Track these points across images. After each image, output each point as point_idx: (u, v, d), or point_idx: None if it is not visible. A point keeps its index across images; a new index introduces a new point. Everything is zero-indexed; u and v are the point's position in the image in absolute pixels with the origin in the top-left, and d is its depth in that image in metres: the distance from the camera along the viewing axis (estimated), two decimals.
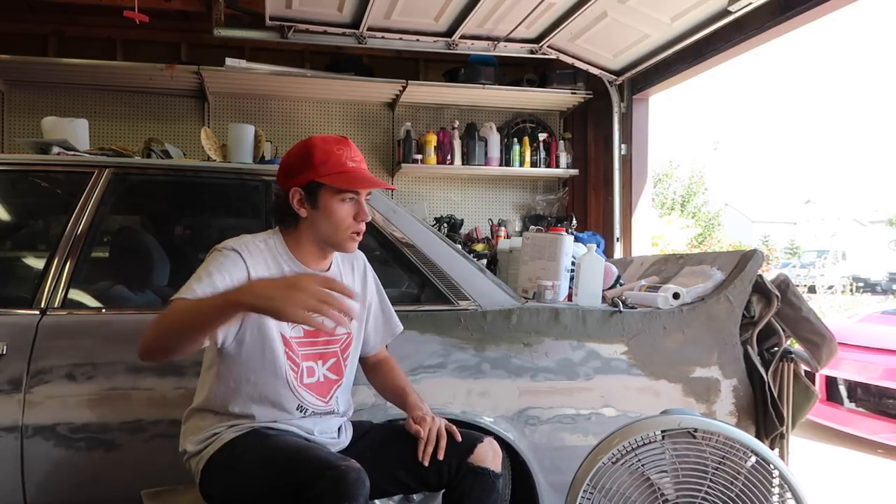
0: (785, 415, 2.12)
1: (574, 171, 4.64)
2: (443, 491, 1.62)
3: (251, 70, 4.01)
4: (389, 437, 1.66)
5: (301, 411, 1.59)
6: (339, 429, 1.67)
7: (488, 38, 3.98)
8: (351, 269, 1.74)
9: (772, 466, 1.54)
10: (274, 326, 1.54)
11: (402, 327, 1.84)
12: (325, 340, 1.63)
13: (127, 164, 2.15)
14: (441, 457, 1.54)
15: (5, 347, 1.80)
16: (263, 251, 1.57)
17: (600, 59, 4.11)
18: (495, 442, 1.63)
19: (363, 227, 1.59)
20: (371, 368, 1.81)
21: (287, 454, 1.42)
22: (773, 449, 2.08)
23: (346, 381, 1.69)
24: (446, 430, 1.58)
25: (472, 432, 1.65)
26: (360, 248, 1.73)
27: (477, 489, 1.55)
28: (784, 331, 2.20)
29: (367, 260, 1.79)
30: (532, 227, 4.41)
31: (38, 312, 1.87)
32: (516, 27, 3.78)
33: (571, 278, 2.35)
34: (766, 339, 2.22)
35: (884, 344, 4.04)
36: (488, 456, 1.58)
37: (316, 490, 1.28)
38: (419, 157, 4.37)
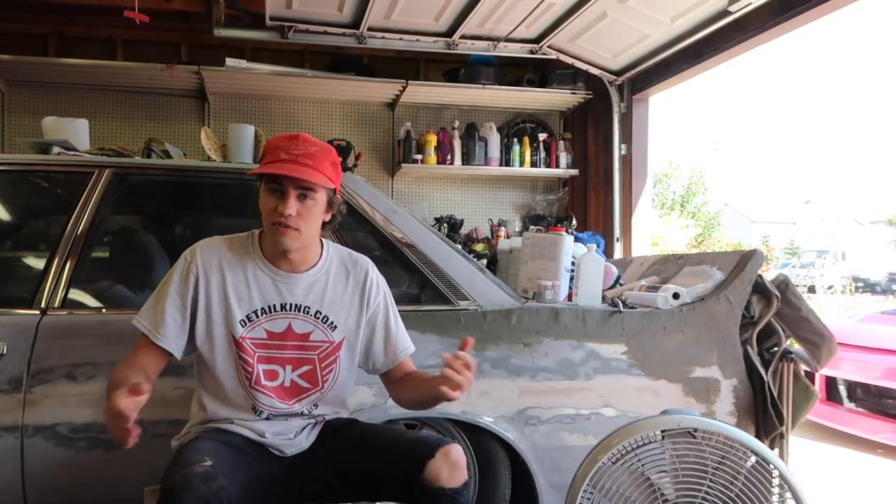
0: (785, 415, 2.12)
1: (574, 171, 4.64)
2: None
3: (251, 70, 4.01)
4: (350, 442, 1.61)
5: (256, 412, 1.59)
6: (302, 429, 1.63)
7: (488, 39, 3.98)
8: (346, 275, 1.66)
9: (771, 466, 1.54)
10: (221, 329, 1.57)
11: (411, 349, 1.71)
12: (297, 346, 1.59)
13: (127, 164, 2.15)
14: (464, 389, 1.42)
15: (5, 347, 1.80)
16: (226, 251, 1.59)
17: (600, 59, 4.11)
18: (454, 449, 1.48)
19: (289, 221, 1.50)
20: (396, 384, 1.71)
21: (174, 459, 1.44)
22: (772, 449, 2.08)
23: (331, 393, 1.64)
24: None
25: (428, 439, 1.53)
26: (360, 248, 1.73)
27: None
28: (784, 331, 2.21)
29: (374, 274, 1.70)
30: (532, 227, 4.41)
31: (38, 312, 1.87)
32: (516, 27, 3.78)
33: (571, 278, 2.35)
34: (765, 339, 2.22)
35: (884, 344, 4.04)
36: (442, 473, 1.44)
37: (161, 497, 1.33)
38: (419, 157, 4.37)
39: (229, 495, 1.33)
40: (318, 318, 1.62)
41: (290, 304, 1.60)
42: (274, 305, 1.58)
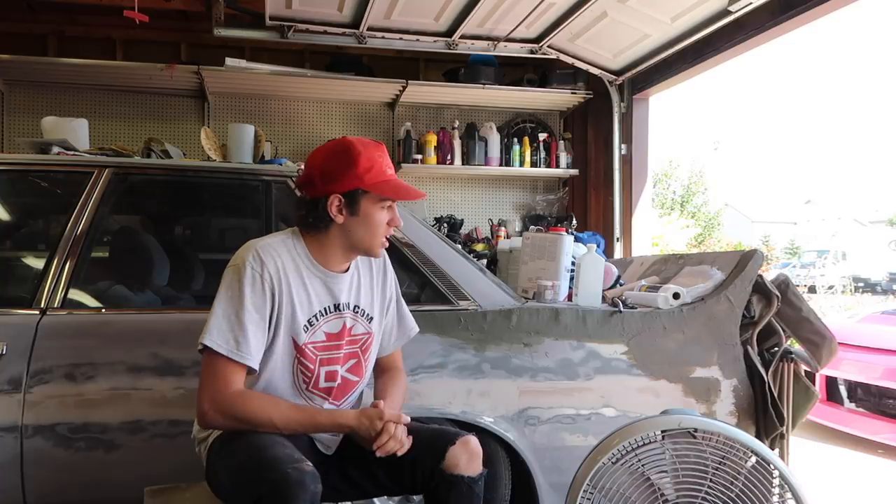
0: (785, 415, 2.12)
1: (574, 171, 4.64)
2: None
3: (251, 70, 4.01)
4: None
5: None
6: None
7: (488, 38, 3.98)
8: (369, 267, 1.70)
9: (772, 466, 1.54)
10: (284, 336, 1.53)
11: (417, 329, 1.80)
12: (349, 341, 1.62)
13: (127, 164, 2.15)
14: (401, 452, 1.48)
15: (5, 347, 1.80)
16: (282, 254, 1.54)
17: (600, 59, 4.11)
18: (472, 440, 1.54)
19: (391, 232, 1.60)
20: (379, 374, 1.76)
21: (251, 452, 1.39)
22: (773, 449, 2.08)
23: (365, 380, 1.69)
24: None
25: (447, 431, 1.60)
26: None
27: (453, 498, 1.50)
28: (784, 331, 2.20)
29: (387, 257, 1.74)
30: (532, 227, 4.41)
31: (37, 312, 1.87)
32: (516, 27, 3.78)
33: (571, 278, 2.35)
34: (766, 339, 2.22)
35: (884, 344, 4.04)
36: (461, 460, 1.50)
37: (261, 491, 1.29)
38: (419, 157, 4.37)
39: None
40: (358, 311, 1.64)
41: (342, 304, 1.61)
42: (329, 307, 1.59)
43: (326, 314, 1.58)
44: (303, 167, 1.65)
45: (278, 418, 1.45)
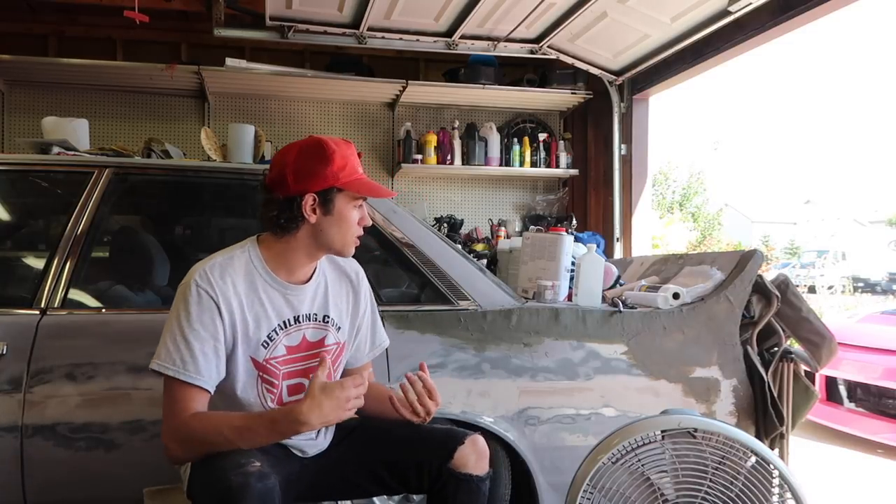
0: (785, 415, 2.12)
1: (574, 171, 4.64)
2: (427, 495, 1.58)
3: (251, 70, 4.01)
4: (373, 436, 1.63)
5: None
6: (318, 430, 1.61)
7: (488, 38, 3.98)
8: (338, 278, 1.66)
9: (772, 466, 1.54)
10: (242, 355, 1.49)
11: (388, 342, 1.78)
12: (313, 354, 1.58)
13: (127, 164, 2.15)
14: (421, 416, 1.53)
15: (5, 347, 1.80)
16: (235, 270, 1.50)
17: (600, 59, 4.11)
18: (480, 439, 1.56)
19: (362, 231, 1.58)
20: None
21: (208, 460, 1.37)
22: (772, 449, 2.09)
23: None
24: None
25: (455, 430, 1.60)
26: (359, 248, 1.72)
27: (461, 496, 1.51)
28: (784, 331, 2.21)
29: (363, 272, 1.72)
30: (532, 227, 4.41)
31: (38, 312, 1.87)
32: (516, 27, 3.78)
33: (571, 278, 2.35)
34: (766, 339, 2.22)
35: (884, 344, 4.04)
36: (470, 460, 1.52)
37: (216, 497, 1.29)
38: (419, 157, 4.37)
39: (278, 495, 1.32)
40: (327, 321, 1.61)
41: (302, 316, 1.57)
42: (288, 320, 1.55)
43: (286, 327, 1.54)
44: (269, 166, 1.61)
45: (230, 430, 1.37)
